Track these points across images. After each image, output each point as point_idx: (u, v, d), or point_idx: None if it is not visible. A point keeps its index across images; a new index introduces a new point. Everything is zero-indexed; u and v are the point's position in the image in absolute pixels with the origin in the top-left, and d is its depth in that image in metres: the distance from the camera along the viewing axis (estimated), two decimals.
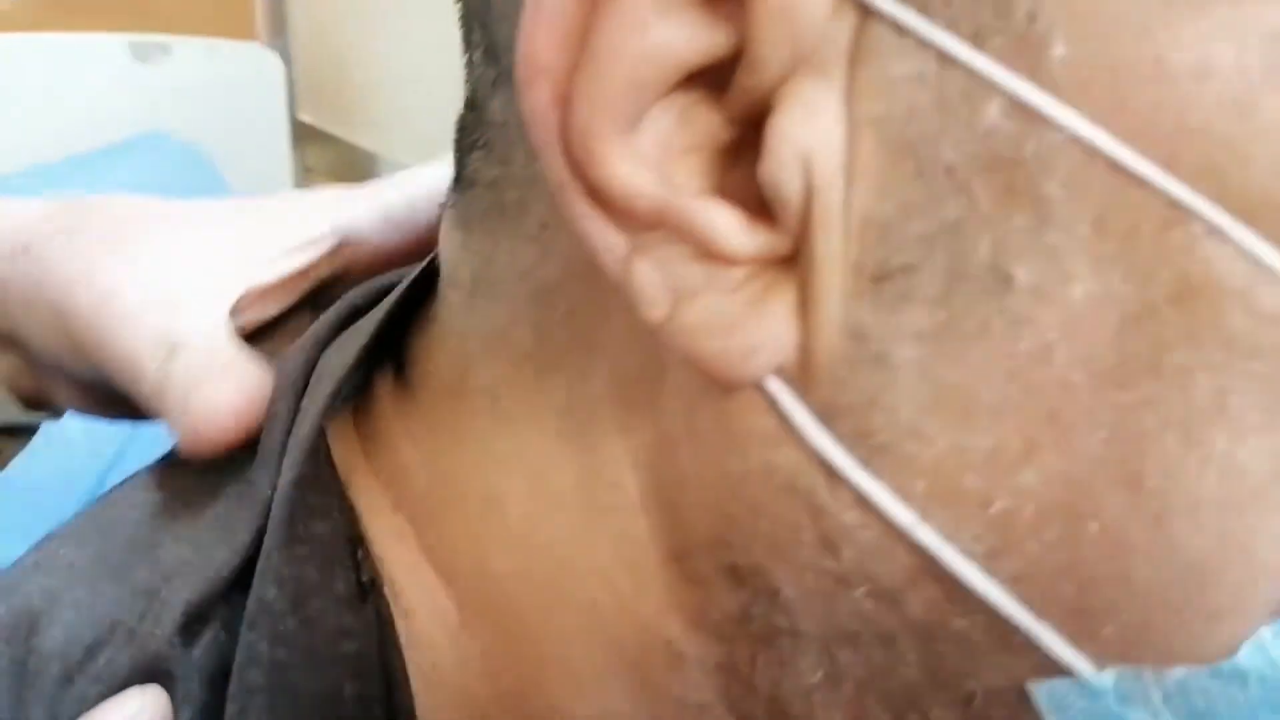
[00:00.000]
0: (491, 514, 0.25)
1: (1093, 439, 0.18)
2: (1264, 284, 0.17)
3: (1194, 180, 0.17)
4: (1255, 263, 0.17)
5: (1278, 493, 0.19)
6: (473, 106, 0.24)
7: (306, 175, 1.52)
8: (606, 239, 0.19)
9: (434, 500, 0.26)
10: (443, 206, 0.27)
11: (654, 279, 0.19)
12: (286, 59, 1.46)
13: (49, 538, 0.28)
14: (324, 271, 0.31)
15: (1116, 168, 0.17)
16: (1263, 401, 0.18)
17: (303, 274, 0.31)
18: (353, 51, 1.46)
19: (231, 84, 1.36)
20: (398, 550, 0.26)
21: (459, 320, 0.26)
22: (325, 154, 1.51)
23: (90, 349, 0.29)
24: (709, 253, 0.19)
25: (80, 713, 0.23)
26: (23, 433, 0.35)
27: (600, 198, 0.19)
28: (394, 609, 0.25)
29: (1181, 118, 0.17)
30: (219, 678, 0.24)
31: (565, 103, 0.18)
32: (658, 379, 0.22)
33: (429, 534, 0.26)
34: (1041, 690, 0.20)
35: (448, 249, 0.26)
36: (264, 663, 0.23)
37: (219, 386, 0.27)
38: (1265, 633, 0.19)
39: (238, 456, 0.27)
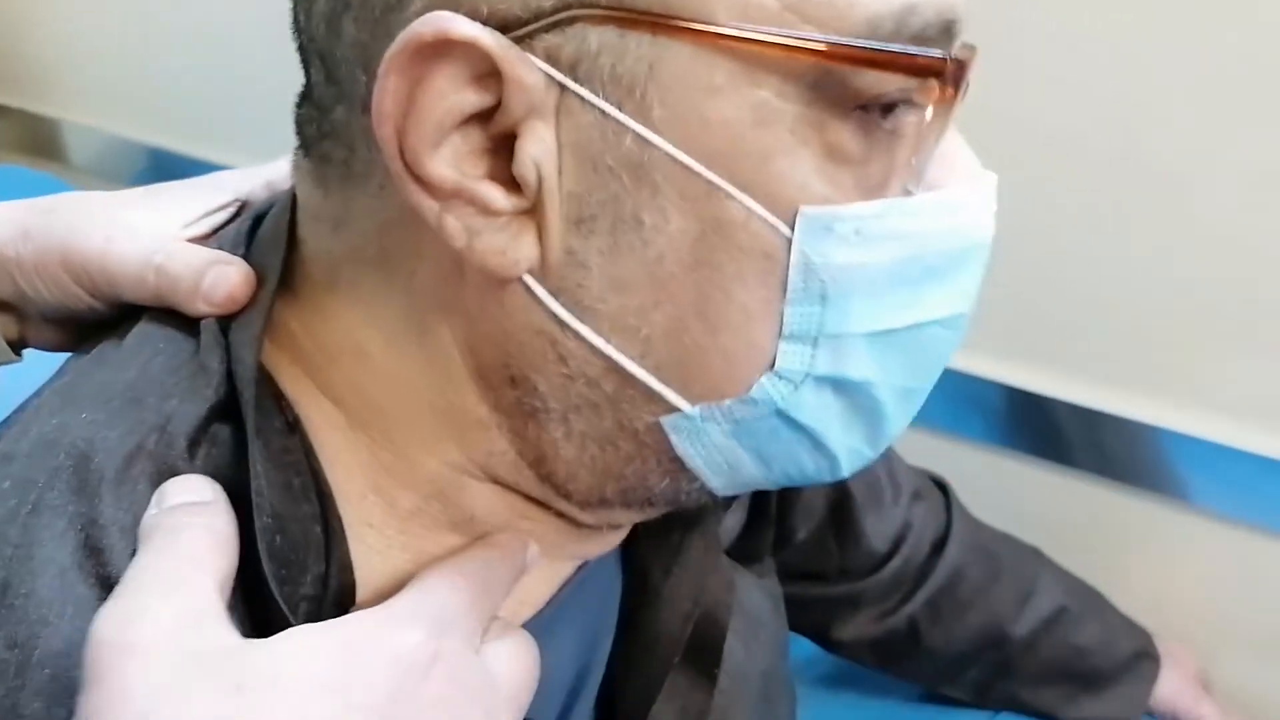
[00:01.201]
0: (361, 360, 0.40)
1: (684, 296, 0.35)
2: (754, 218, 0.34)
3: (720, 172, 0.34)
4: (748, 208, 0.34)
5: (763, 318, 0.36)
6: (317, 107, 0.38)
7: None
8: (428, 204, 0.35)
9: (320, 357, 0.40)
10: (295, 167, 0.41)
11: (457, 226, 0.35)
12: None
13: (45, 402, 0.39)
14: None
15: (687, 167, 0.34)
16: (758, 276, 0.35)
17: (222, 226, 0.45)
18: (18, 21, 1.47)
19: None
20: (303, 393, 0.40)
21: (326, 244, 0.40)
22: (7, 126, 1.52)
23: (100, 278, 0.42)
24: (487, 210, 0.35)
25: (140, 496, 0.35)
26: None
27: (422, 183, 0.34)
28: (309, 430, 0.39)
29: (715, 142, 0.34)
30: (214, 479, 0.36)
31: (401, 133, 0.34)
32: (460, 276, 0.37)
33: (319, 379, 0.40)
34: (666, 421, 0.38)
35: (308, 199, 0.40)
36: (260, 469, 0.36)
37: (226, 268, 0.40)
38: (762, 379, 0.37)
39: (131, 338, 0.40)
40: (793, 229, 0.35)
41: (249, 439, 0.37)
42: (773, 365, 0.37)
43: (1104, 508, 0.87)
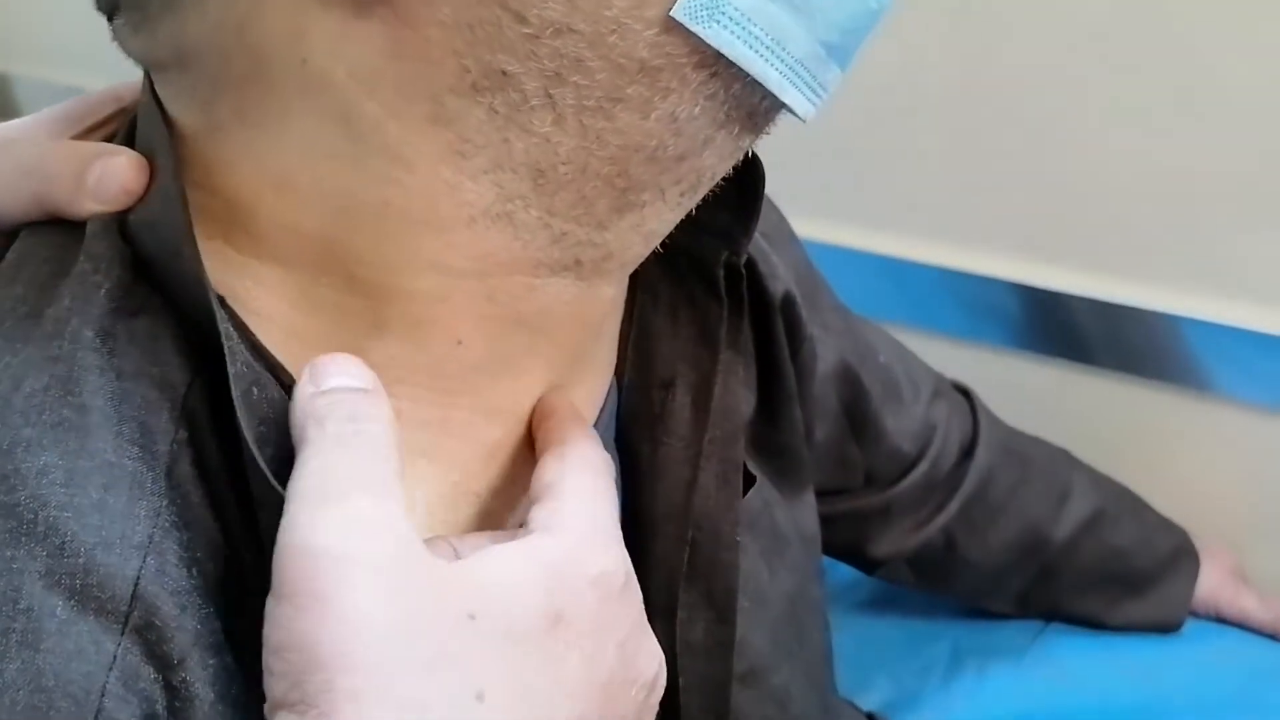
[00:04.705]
0: (286, 193, 0.34)
1: None
2: None
3: None
4: None
5: None
6: None
7: None
8: None
9: (238, 213, 0.34)
10: (116, 37, 0.36)
11: None
12: None
13: None
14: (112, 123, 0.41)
15: None
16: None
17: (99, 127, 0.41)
18: None
19: None
20: (228, 268, 0.35)
21: (183, 87, 0.34)
22: None
23: None
24: None
25: (50, 405, 0.31)
26: None
27: None
28: (235, 305, 0.34)
29: None
30: (140, 377, 0.33)
31: None
32: (362, 19, 0.31)
33: (246, 244, 0.34)
34: (678, 11, 0.31)
35: (141, 54, 0.35)
36: (229, 329, 0.33)
37: (113, 159, 0.35)
38: None
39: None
40: None
41: (210, 295, 0.33)
42: None
43: (1128, 404, 0.85)
